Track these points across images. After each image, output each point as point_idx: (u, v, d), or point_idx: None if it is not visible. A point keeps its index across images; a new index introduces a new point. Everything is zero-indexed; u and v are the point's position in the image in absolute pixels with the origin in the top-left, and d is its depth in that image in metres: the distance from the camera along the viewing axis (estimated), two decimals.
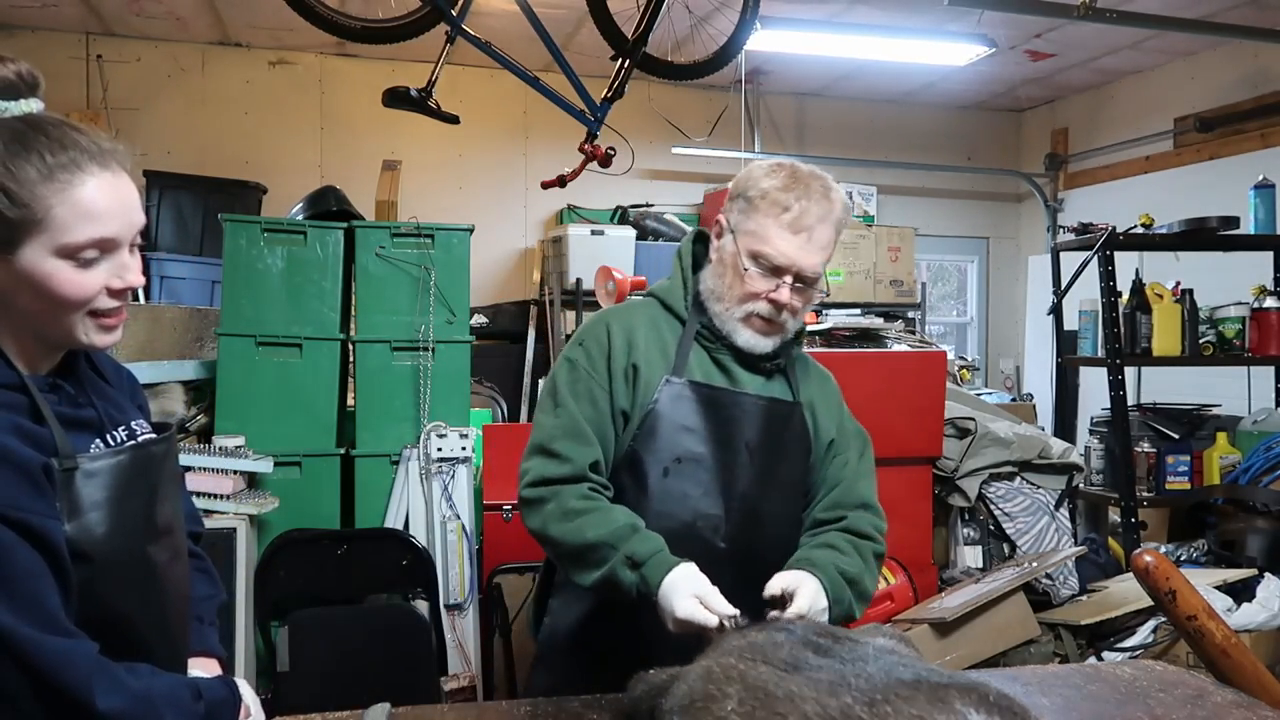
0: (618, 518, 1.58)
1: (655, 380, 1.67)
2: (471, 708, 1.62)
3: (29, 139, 1.11)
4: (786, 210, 1.62)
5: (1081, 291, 3.84)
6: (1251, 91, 5.35)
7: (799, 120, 6.64)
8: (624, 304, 1.87)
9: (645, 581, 1.51)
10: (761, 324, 1.67)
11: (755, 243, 1.64)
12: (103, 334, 1.18)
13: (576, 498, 1.61)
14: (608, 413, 1.67)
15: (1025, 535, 3.57)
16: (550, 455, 1.64)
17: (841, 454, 1.78)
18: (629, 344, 1.69)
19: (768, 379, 1.74)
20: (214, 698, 1.23)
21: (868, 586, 1.68)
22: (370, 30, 2.90)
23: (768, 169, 1.68)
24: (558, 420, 1.66)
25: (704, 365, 1.71)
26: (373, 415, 3.24)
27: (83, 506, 1.13)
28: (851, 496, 1.75)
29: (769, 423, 1.70)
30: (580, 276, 5.29)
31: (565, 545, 1.60)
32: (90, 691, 1.06)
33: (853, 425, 1.84)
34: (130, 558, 1.18)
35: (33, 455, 1.10)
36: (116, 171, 1.16)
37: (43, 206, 1.10)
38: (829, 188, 1.67)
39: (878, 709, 0.98)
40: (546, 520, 1.62)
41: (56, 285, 1.12)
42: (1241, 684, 1.66)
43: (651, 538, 1.56)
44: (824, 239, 1.64)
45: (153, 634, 1.22)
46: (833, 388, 1.86)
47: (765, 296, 1.64)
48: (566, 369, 1.71)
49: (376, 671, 2.92)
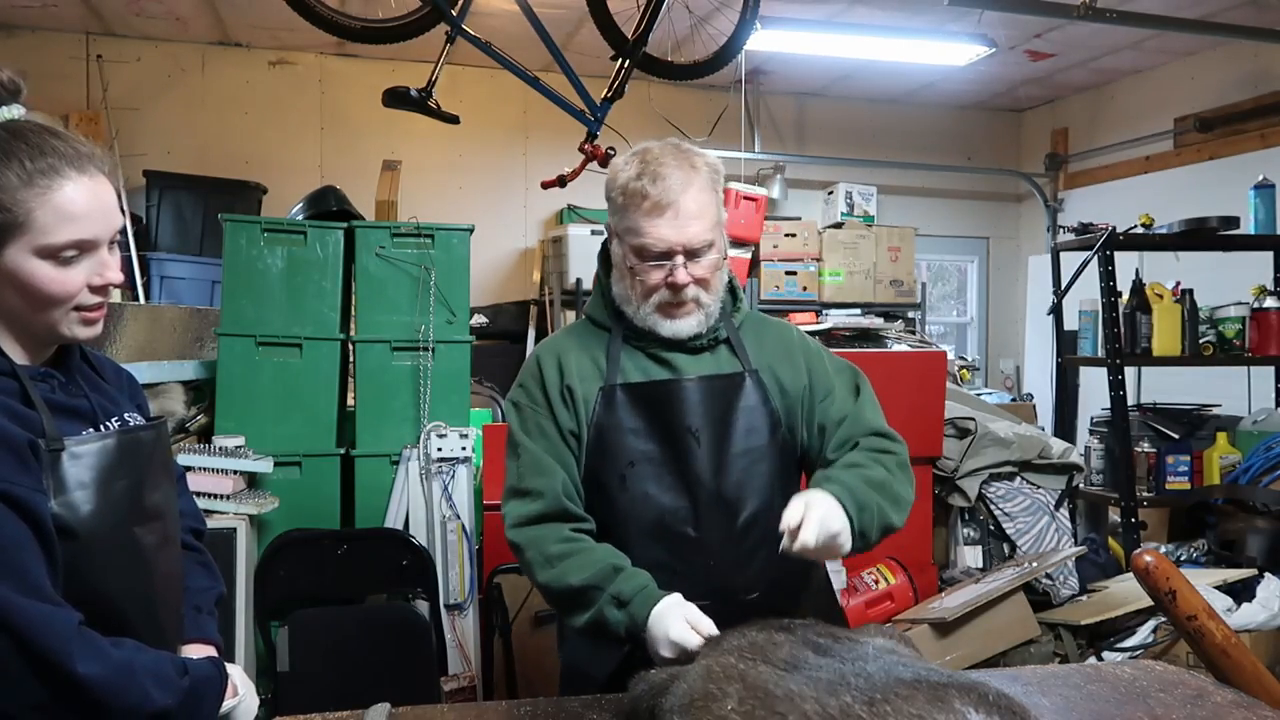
0: (599, 558, 1.59)
1: (592, 395, 1.70)
2: (471, 708, 1.62)
3: (9, 146, 1.17)
4: (645, 197, 1.63)
5: (1081, 291, 3.84)
6: (1251, 91, 5.35)
7: (799, 120, 6.64)
8: (556, 332, 1.91)
9: (632, 619, 1.52)
10: (671, 308, 1.68)
11: (634, 237, 1.66)
12: (85, 327, 1.25)
13: (555, 541, 1.62)
14: (558, 438, 1.70)
15: (1025, 535, 3.57)
16: (521, 495, 1.68)
17: (828, 396, 1.77)
18: (559, 368, 1.73)
19: (712, 355, 1.74)
20: (200, 674, 1.25)
21: (900, 491, 1.66)
22: (370, 30, 2.90)
23: (623, 163, 1.70)
24: (519, 461, 1.71)
25: (641, 365, 1.73)
26: (373, 415, 3.24)
27: (69, 486, 1.17)
28: (859, 428, 1.74)
29: (712, 400, 1.70)
30: (580, 276, 5.30)
31: (551, 591, 1.62)
32: (70, 656, 1.09)
33: (835, 364, 1.83)
34: (116, 538, 1.22)
35: (20, 432, 1.14)
36: (94, 175, 1.22)
37: (24, 210, 1.16)
38: (684, 154, 1.68)
39: (877, 708, 0.98)
40: (531, 568, 1.64)
41: (39, 283, 1.18)
42: (1241, 684, 1.66)
43: (637, 574, 1.57)
44: (693, 207, 1.63)
45: (138, 615, 1.24)
46: (792, 336, 1.84)
47: (664, 283, 1.66)
48: (514, 413, 1.76)
49: (376, 671, 2.92)
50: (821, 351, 1.85)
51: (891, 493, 1.64)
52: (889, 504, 1.62)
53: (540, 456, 1.68)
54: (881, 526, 1.60)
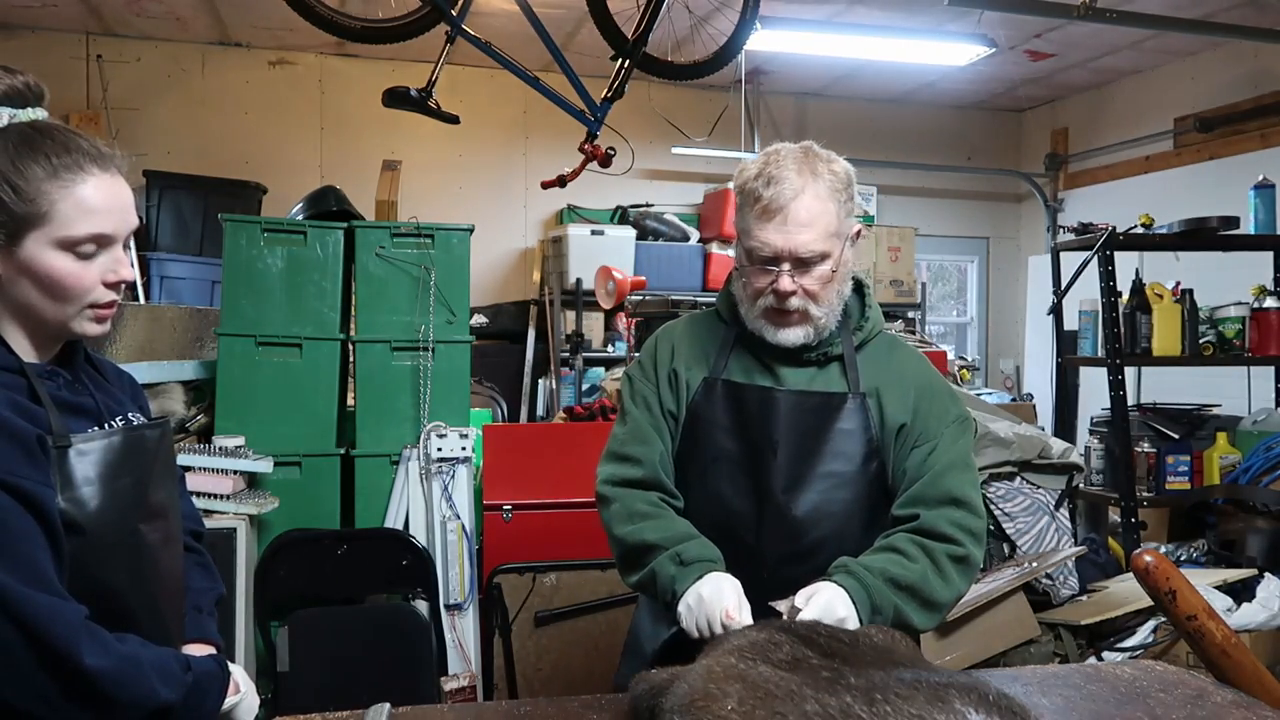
0: (679, 526, 1.64)
1: (695, 382, 1.73)
2: (471, 708, 1.62)
3: (36, 141, 1.20)
4: (758, 200, 1.61)
5: (1081, 291, 3.83)
6: (1251, 91, 5.35)
7: (799, 120, 6.64)
8: (683, 317, 1.92)
9: (683, 577, 1.54)
10: (776, 316, 1.65)
11: (745, 239, 1.66)
12: (95, 325, 1.26)
13: (644, 502, 1.67)
14: (660, 413, 1.75)
15: (1025, 535, 3.57)
16: (622, 459, 1.73)
17: (924, 443, 1.66)
18: (672, 351, 1.78)
19: (820, 369, 1.70)
20: (203, 671, 1.26)
21: (936, 594, 1.55)
22: (370, 30, 2.90)
23: (750, 161, 1.69)
24: (625, 428, 1.77)
25: (746, 366, 1.73)
26: (373, 415, 3.24)
27: (76, 481, 1.18)
28: (934, 490, 1.61)
29: (802, 418, 1.66)
30: (580, 276, 5.30)
31: (625, 544, 1.65)
32: (78, 648, 1.10)
33: (946, 409, 1.70)
34: (122, 533, 1.23)
35: (27, 427, 1.15)
36: (114, 174, 1.25)
37: (47, 201, 1.19)
38: (809, 159, 1.63)
39: (877, 708, 0.98)
40: (612, 518, 1.69)
41: (58, 276, 1.20)
42: (1241, 684, 1.66)
43: (708, 546, 1.60)
44: (804, 215, 1.59)
45: (142, 610, 1.25)
46: (915, 370, 1.73)
47: (769, 289, 1.63)
48: (627, 383, 1.82)
49: (376, 671, 2.92)
50: (943, 394, 1.72)
51: (922, 596, 1.54)
52: (914, 608, 1.53)
53: (644, 427, 1.73)
54: (897, 626, 1.48)
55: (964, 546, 1.58)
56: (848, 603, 1.48)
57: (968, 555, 1.58)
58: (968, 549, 1.59)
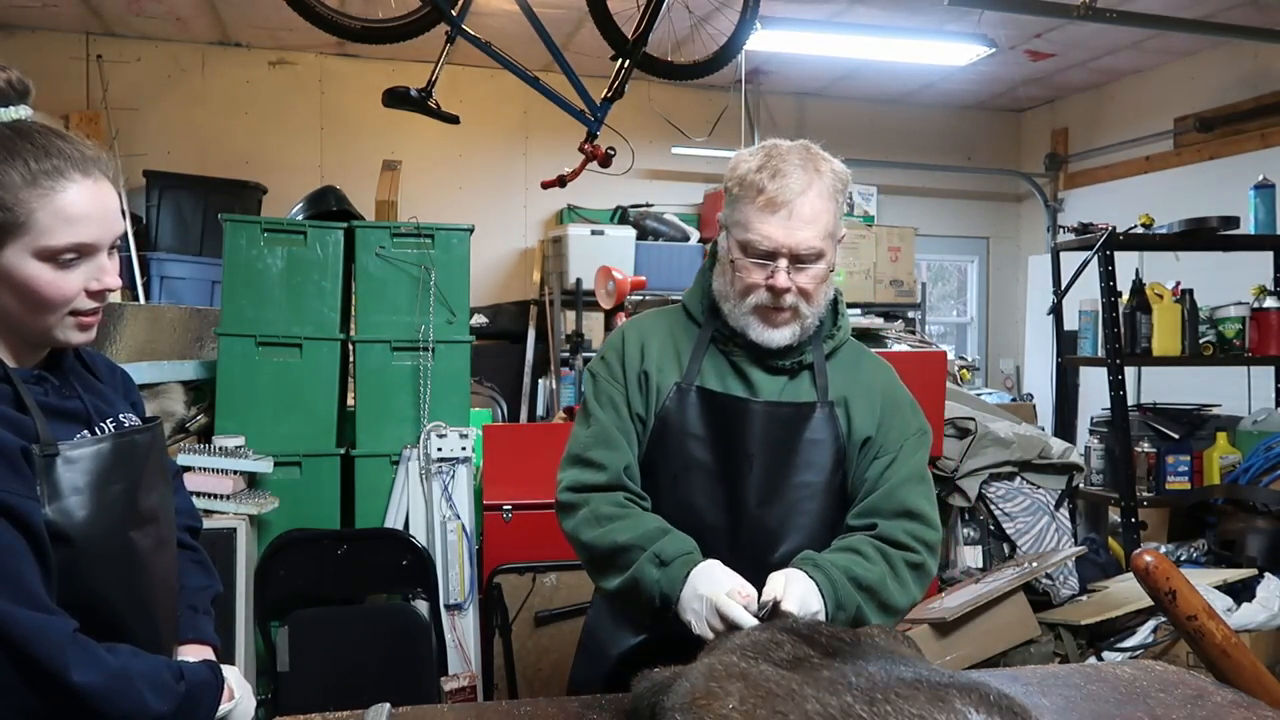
0: (648, 522, 1.59)
1: (666, 386, 1.67)
2: (471, 708, 1.61)
3: (15, 145, 1.15)
4: (761, 192, 1.57)
5: (1081, 291, 3.84)
6: (1251, 91, 5.35)
7: (799, 120, 6.64)
8: (649, 311, 1.84)
9: (671, 580, 1.50)
10: (768, 313, 1.62)
11: (741, 232, 1.61)
12: (79, 332, 1.23)
13: (609, 504, 1.61)
14: (628, 416, 1.69)
15: (1025, 535, 3.57)
16: (585, 464, 1.66)
17: (884, 455, 1.66)
18: (642, 351, 1.71)
19: (791, 379, 1.68)
20: (196, 679, 1.24)
21: (893, 598, 1.56)
22: (370, 30, 2.90)
23: (748, 154, 1.64)
24: (589, 430, 1.69)
25: (720, 371, 1.68)
26: (373, 415, 3.24)
27: (63, 491, 1.15)
28: (890, 503, 1.62)
29: (774, 429, 1.64)
30: (580, 276, 5.29)
31: (595, 549, 1.60)
32: (65, 665, 1.08)
33: (908, 422, 1.70)
34: (111, 542, 1.21)
35: (12, 439, 1.13)
36: (98, 179, 1.20)
37: (25, 210, 1.14)
38: (811, 157, 1.61)
39: (878, 708, 0.98)
40: (579, 525, 1.63)
41: (37, 286, 1.16)
42: (1241, 684, 1.66)
43: (684, 539, 1.56)
44: (808, 212, 1.57)
45: (134, 618, 1.23)
46: (882, 381, 1.73)
47: (764, 284, 1.60)
48: (591, 382, 1.74)
49: (376, 671, 2.92)
50: (905, 407, 1.72)
51: (880, 599, 1.54)
52: (872, 609, 1.53)
53: (610, 431, 1.67)
54: (855, 625, 1.49)
55: (920, 554, 1.60)
56: (819, 596, 1.48)
57: (923, 563, 1.61)
58: (924, 558, 1.61)
